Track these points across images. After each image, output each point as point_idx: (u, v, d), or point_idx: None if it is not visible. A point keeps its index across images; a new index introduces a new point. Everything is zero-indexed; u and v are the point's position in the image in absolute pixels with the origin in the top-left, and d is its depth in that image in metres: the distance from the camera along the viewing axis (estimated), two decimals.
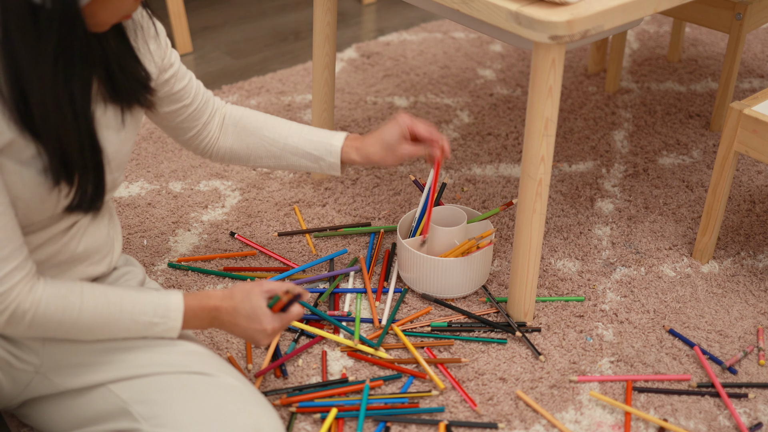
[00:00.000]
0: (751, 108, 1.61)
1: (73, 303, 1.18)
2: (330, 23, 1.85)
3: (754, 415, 1.46)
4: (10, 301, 1.12)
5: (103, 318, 1.20)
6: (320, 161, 1.53)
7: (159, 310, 1.24)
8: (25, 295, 1.14)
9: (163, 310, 1.25)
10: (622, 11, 1.34)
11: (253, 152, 1.55)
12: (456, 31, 2.75)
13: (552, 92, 1.38)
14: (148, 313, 1.24)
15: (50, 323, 1.17)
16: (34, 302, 1.15)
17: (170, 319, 1.25)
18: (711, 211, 1.73)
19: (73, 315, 1.18)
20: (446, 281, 1.64)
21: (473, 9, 1.38)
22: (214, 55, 2.62)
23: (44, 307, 1.16)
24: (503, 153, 2.14)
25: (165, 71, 1.39)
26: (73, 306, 1.18)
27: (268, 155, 1.55)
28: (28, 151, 1.10)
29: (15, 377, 1.25)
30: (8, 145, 1.08)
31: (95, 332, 1.22)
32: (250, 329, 1.30)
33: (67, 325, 1.18)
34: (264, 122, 1.55)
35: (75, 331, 1.20)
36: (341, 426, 1.41)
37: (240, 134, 1.54)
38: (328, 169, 1.54)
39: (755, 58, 2.58)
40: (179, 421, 1.18)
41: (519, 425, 1.43)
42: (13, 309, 1.13)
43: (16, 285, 1.12)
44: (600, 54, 2.47)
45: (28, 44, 1.04)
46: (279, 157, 1.55)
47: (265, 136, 1.54)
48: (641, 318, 1.65)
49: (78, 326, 1.19)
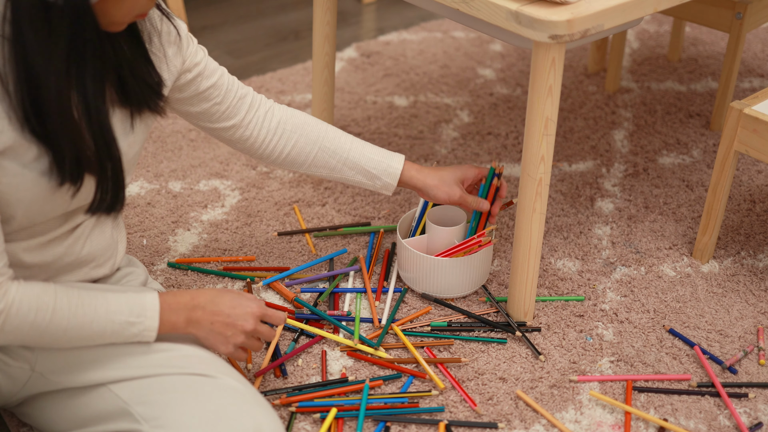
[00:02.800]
0: (751, 107, 1.61)
1: (46, 303, 1.15)
2: (330, 23, 1.85)
3: (754, 415, 1.46)
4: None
5: (77, 318, 1.17)
6: (376, 180, 1.56)
7: (135, 309, 1.22)
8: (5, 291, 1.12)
9: (138, 308, 1.22)
10: (622, 10, 1.34)
11: (311, 161, 1.54)
12: (456, 30, 2.74)
13: (552, 92, 1.38)
14: (123, 312, 1.20)
15: (23, 325, 1.14)
16: (8, 304, 1.12)
17: (147, 318, 1.22)
18: (711, 210, 1.72)
19: (47, 316, 1.15)
20: (446, 281, 1.64)
21: (473, 8, 1.38)
22: (214, 55, 2.60)
23: (17, 308, 1.13)
24: (503, 153, 2.14)
25: (189, 71, 1.37)
26: (47, 305, 1.15)
27: (325, 166, 1.55)
28: (31, 154, 1.10)
29: (12, 376, 1.25)
30: (10, 148, 1.08)
31: (69, 334, 1.17)
32: (233, 315, 1.28)
33: (40, 327, 1.15)
34: (326, 132, 1.54)
35: (48, 334, 1.16)
36: (341, 426, 1.41)
37: (299, 141, 1.52)
38: (381, 188, 1.58)
39: (755, 57, 2.58)
40: (180, 423, 1.17)
41: (519, 425, 1.42)
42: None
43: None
44: (600, 53, 2.47)
45: (40, 42, 1.04)
46: (335, 169, 1.55)
47: (326, 147, 1.54)
48: (641, 318, 1.65)
49: (51, 328, 1.15)
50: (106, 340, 1.21)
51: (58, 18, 1.04)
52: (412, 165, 1.58)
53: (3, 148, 1.08)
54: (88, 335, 1.19)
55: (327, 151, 1.53)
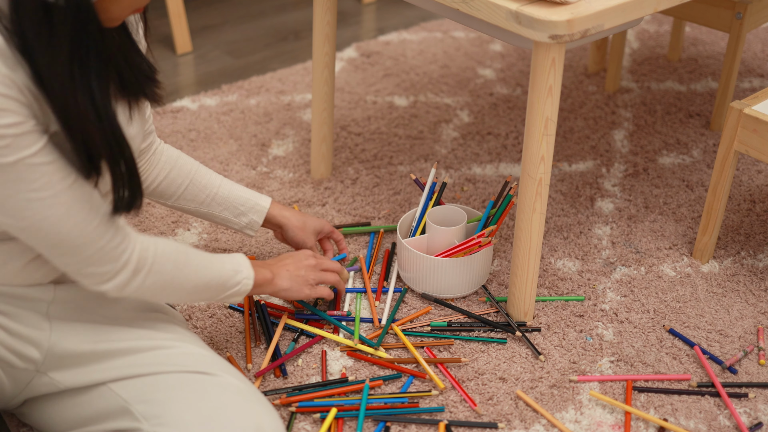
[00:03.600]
0: (751, 107, 1.61)
1: (179, 247, 1.25)
2: (330, 23, 1.85)
3: (754, 415, 1.46)
4: (134, 246, 1.17)
5: (204, 261, 1.28)
6: (242, 216, 1.64)
7: (234, 262, 1.35)
8: (142, 238, 1.19)
9: (236, 263, 1.35)
10: (622, 10, 1.34)
11: (181, 193, 1.59)
12: (456, 30, 2.74)
13: (552, 92, 1.38)
14: (226, 264, 1.33)
15: (167, 264, 1.22)
16: (152, 243, 1.20)
17: (245, 268, 1.36)
18: (711, 210, 1.72)
19: (183, 257, 1.25)
20: (446, 281, 1.64)
21: (473, 8, 1.38)
22: (213, 55, 2.62)
23: (162, 248, 1.21)
24: (503, 152, 2.14)
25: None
26: (181, 248, 1.25)
27: (194, 200, 1.60)
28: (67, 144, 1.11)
29: (15, 377, 1.25)
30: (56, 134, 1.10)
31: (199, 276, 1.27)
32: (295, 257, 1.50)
33: (180, 267, 1.24)
34: (198, 168, 1.61)
35: (183, 275, 1.25)
36: (341, 426, 1.41)
37: (171, 173, 1.57)
38: (246, 226, 1.65)
39: (755, 57, 2.58)
40: (180, 421, 1.18)
41: (519, 425, 1.43)
42: (138, 252, 1.17)
43: (131, 231, 1.18)
44: (600, 53, 2.47)
45: (42, 43, 1.04)
46: (203, 203, 1.61)
47: (197, 181, 1.60)
48: (641, 318, 1.65)
49: (187, 269, 1.25)
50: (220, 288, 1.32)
51: (60, 18, 1.03)
52: (278, 204, 1.67)
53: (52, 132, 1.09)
54: (208, 281, 1.30)
55: (198, 186, 1.59)
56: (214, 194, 1.61)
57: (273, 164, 2.08)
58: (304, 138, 2.17)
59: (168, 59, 2.58)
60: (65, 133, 1.09)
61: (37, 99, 1.07)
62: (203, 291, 1.30)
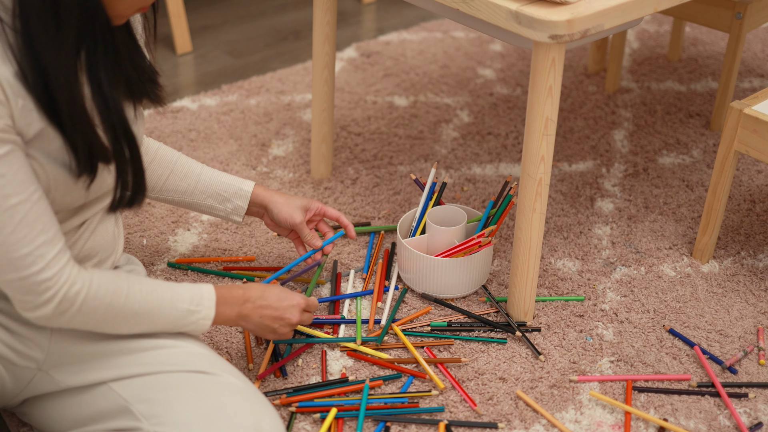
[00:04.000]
0: (751, 107, 1.61)
1: (121, 286, 1.19)
2: (330, 23, 1.85)
3: (755, 415, 1.46)
4: (61, 284, 1.12)
5: (148, 303, 1.22)
6: (227, 203, 1.59)
7: (195, 299, 1.27)
8: (75, 276, 1.13)
9: (198, 298, 1.27)
10: (622, 10, 1.34)
11: (163, 184, 1.57)
12: (456, 30, 2.74)
13: (552, 92, 1.38)
14: (185, 300, 1.26)
15: (100, 306, 1.16)
16: (85, 283, 1.14)
17: (204, 308, 1.28)
18: (711, 210, 1.72)
19: (121, 299, 1.18)
20: (446, 281, 1.64)
21: (473, 8, 1.38)
22: (213, 55, 2.62)
23: (96, 288, 1.15)
24: (503, 152, 2.14)
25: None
26: (122, 289, 1.19)
27: (176, 189, 1.58)
28: (56, 143, 1.11)
29: (17, 374, 1.25)
30: (38, 135, 1.09)
31: (139, 319, 1.22)
32: (280, 309, 1.38)
33: (115, 310, 1.18)
34: (179, 158, 1.58)
35: (120, 317, 1.20)
36: (341, 426, 1.41)
37: (152, 164, 1.55)
38: (232, 212, 1.60)
39: (755, 57, 2.58)
40: (180, 420, 1.18)
41: (519, 425, 1.42)
42: (64, 291, 1.12)
43: (65, 266, 1.12)
44: (600, 53, 2.47)
45: (48, 36, 1.04)
46: (186, 192, 1.58)
47: (178, 170, 1.57)
48: (641, 318, 1.65)
49: (124, 311, 1.19)
50: (168, 327, 1.26)
51: (67, 12, 1.04)
52: (261, 186, 1.62)
53: (32, 136, 1.08)
54: (152, 321, 1.24)
55: (179, 175, 1.57)
56: (196, 182, 1.58)
57: (273, 164, 2.07)
58: (304, 138, 2.18)
59: (168, 59, 2.58)
60: (66, 128, 1.09)
61: (22, 97, 1.06)
62: (147, 328, 1.25)
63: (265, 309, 1.36)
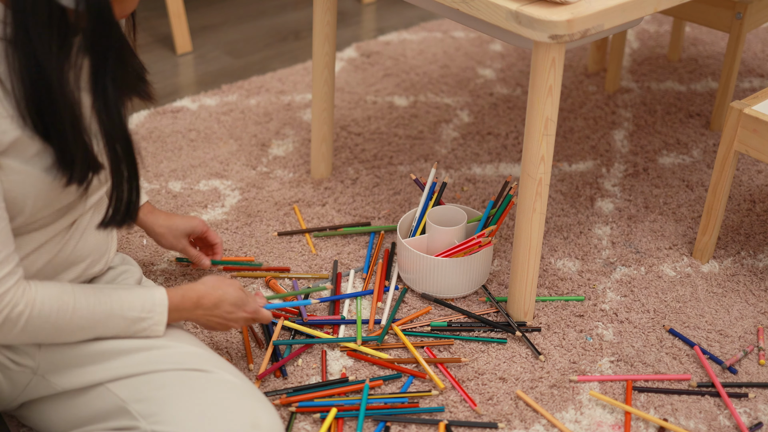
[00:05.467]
0: (751, 107, 1.61)
1: (66, 302, 1.17)
2: (330, 22, 1.85)
3: (754, 415, 1.46)
4: (4, 305, 1.11)
5: (95, 315, 1.20)
6: None
7: (146, 305, 1.26)
8: (19, 297, 1.12)
9: (149, 305, 1.26)
10: (622, 10, 1.34)
11: None
12: (456, 30, 2.74)
13: (552, 91, 1.38)
14: (135, 309, 1.24)
15: (45, 325, 1.16)
16: (29, 303, 1.13)
17: (156, 314, 1.26)
18: (711, 210, 1.72)
19: (67, 315, 1.17)
20: (446, 281, 1.64)
21: (473, 8, 1.38)
22: (213, 55, 2.62)
23: (39, 308, 1.14)
24: (503, 152, 2.14)
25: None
26: (67, 305, 1.17)
27: None
28: (32, 149, 1.10)
29: (13, 379, 1.25)
30: (12, 145, 1.08)
31: (87, 331, 1.21)
32: (228, 320, 1.37)
33: (61, 326, 1.17)
34: None
35: (67, 331, 1.19)
36: (341, 426, 1.41)
37: None
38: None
39: (755, 57, 2.58)
40: (177, 418, 1.18)
41: (519, 425, 1.42)
42: (7, 313, 1.11)
43: (9, 289, 1.11)
44: (600, 53, 2.47)
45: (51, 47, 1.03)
46: None
47: None
48: (641, 318, 1.65)
49: (71, 326, 1.18)
50: (119, 334, 1.25)
51: (76, 23, 1.03)
52: (147, 206, 1.60)
53: (6, 146, 1.08)
54: (102, 331, 1.23)
55: None
56: None
57: (273, 164, 2.07)
58: (304, 138, 2.17)
59: (168, 59, 2.57)
60: (65, 134, 1.08)
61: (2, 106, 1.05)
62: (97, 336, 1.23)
63: (213, 317, 1.36)
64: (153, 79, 1.32)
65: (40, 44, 1.03)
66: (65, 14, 1.03)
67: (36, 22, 1.02)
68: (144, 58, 1.32)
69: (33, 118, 1.07)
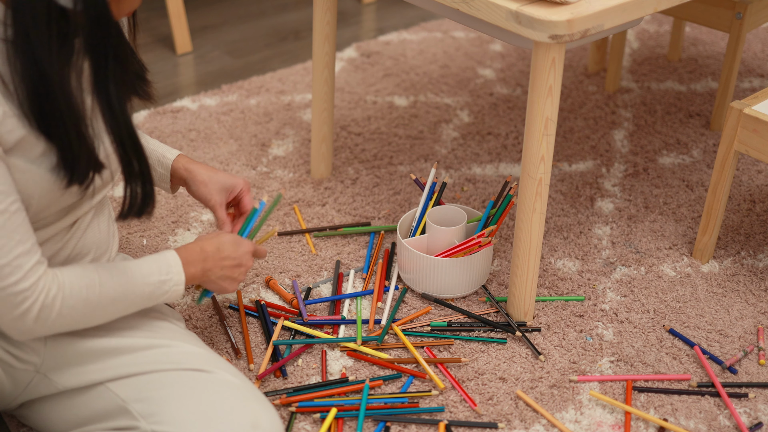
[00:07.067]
0: (752, 107, 1.61)
1: (92, 278, 1.18)
2: (330, 22, 1.85)
3: (754, 415, 1.46)
4: (39, 292, 1.11)
5: (122, 286, 1.21)
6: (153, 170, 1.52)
7: (163, 268, 1.27)
8: (50, 282, 1.13)
9: (165, 266, 1.28)
10: (622, 10, 1.34)
11: None
12: (456, 30, 2.74)
13: (552, 91, 1.38)
14: (154, 273, 1.26)
15: (78, 304, 1.16)
16: (60, 286, 1.14)
17: (174, 273, 1.28)
18: (711, 210, 1.72)
19: (96, 289, 1.18)
20: (446, 281, 1.64)
21: (473, 8, 1.38)
22: (213, 55, 2.62)
23: (69, 288, 1.15)
24: (503, 152, 2.14)
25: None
26: (93, 280, 1.18)
27: None
28: (38, 149, 1.11)
29: (15, 377, 1.25)
30: (19, 143, 1.08)
31: (118, 304, 1.21)
32: (237, 256, 1.39)
33: (93, 302, 1.18)
34: None
35: (100, 306, 1.19)
36: (341, 426, 1.41)
37: None
38: (157, 180, 1.54)
39: (755, 57, 2.58)
40: (177, 418, 1.18)
41: (519, 425, 1.42)
42: (43, 299, 1.12)
43: (41, 276, 1.12)
44: (600, 53, 2.47)
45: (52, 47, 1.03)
46: None
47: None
48: (641, 318, 1.65)
49: (103, 300, 1.19)
50: (146, 302, 1.26)
51: (75, 23, 1.03)
52: (186, 157, 1.55)
53: (12, 144, 1.08)
54: (130, 301, 1.24)
55: None
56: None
57: (273, 164, 2.07)
58: (304, 138, 2.17)
59: (168, 59, 2.57)
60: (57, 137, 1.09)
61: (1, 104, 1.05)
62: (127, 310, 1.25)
63: (224, 260, 1.37)
64: (153, 79, 1.32)
65: (39, 45, 1.03)
66: (65, 14, 1.03)
67: (35, 22, 1.02)
68: (144, 58, 1.33)
69: (36, 118, 1.08)
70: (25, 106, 1.07)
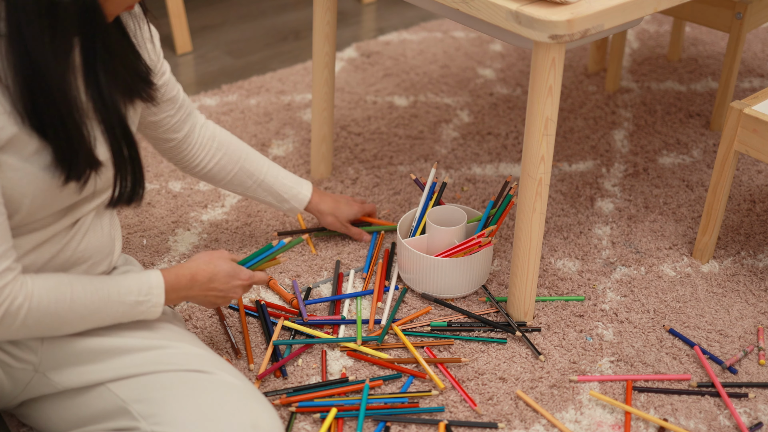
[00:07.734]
0: (751, 107, 1.61)
1: (63, 292, 1.17)
2: (330, 22, 1.85)
3: (754, 415, 1.46)
4: (4, 298, 1.11)
5: (94, 303, 1.21)
6: (285, 203, 1.71)
7: (143, 289, 1.26)
8: (17, 290, 1.12)
9: (146, 288, 1.27)
10: (622, 10, 1.34)
11: (230, 179, 1.65)
12: (456, 30, 2.74)
13: (552, 91, 1.38)
14: (133, 293, 1.25)
15: (45, 316, 1.16)
16: (27, 296, 1.14)
17: (154, 296, 1.27)
18: (711, 210, 1.72)
19: (65, 304, 1.17)
20: (446, 281, 1.64)
21: (473, 8, 1.38)
22: (213, 55, 2.62)
23: (37, 300, 1.14)
24: (503, 152, 2.14)
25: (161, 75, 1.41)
26: (65, 295, 1.17)
27: (241, 185, 1.66)
28: (31, 147, 1.10)
29: (14, 377, 1.25)
30: (10, 142, 1.08)
31: (87, 319, 1.21)
32: (225, 290, 1.38)
33: (61, 316, 1.17)
34: (247, 155, 1.65)
35: (68, 321, 1.19)
36: (341, 426, 1.41)
37: (222, 159, 1.62)
38: (288, 210, 1.73)
39: (755, 57, 2.58)
40: (177, 419, 1.18)
41: (519, 425, 1.42)
42: (6, 306, 1.11)
43: (8, 283, 1.11)
44: (600, 53, 2.47)
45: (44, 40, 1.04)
46: (249, 189, 1.68)
47: (245, 168, 1.64)
48: (641, 318, 1.65)
49: (71, 315, 1.18)
50: (118, 320, 1.26)
51: (65, 15, 1.04)
52: (318, 193, 1.74)
53: (4, 142, 1.08)
54: (102, 318, 1.23)
55: (246, 172, 1.65)
56: (261, 181, 1.66)
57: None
58: (304, 138, 2.18)
59: (168, 59, 2.57)
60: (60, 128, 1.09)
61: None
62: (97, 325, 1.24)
63: (211, 290, 1.37)
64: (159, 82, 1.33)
65: (31, 37, 1.04)
66: (55, 6, 1.03)
67: (27, 14, 1.03)
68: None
69: (30, 114, 1.08)
70: (18, 102, 1.07)
